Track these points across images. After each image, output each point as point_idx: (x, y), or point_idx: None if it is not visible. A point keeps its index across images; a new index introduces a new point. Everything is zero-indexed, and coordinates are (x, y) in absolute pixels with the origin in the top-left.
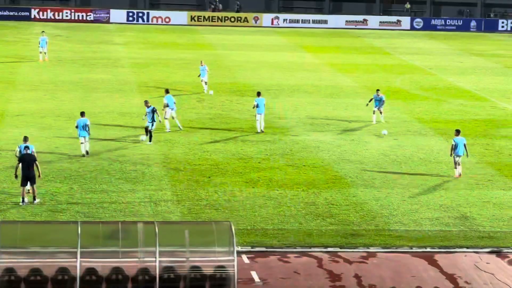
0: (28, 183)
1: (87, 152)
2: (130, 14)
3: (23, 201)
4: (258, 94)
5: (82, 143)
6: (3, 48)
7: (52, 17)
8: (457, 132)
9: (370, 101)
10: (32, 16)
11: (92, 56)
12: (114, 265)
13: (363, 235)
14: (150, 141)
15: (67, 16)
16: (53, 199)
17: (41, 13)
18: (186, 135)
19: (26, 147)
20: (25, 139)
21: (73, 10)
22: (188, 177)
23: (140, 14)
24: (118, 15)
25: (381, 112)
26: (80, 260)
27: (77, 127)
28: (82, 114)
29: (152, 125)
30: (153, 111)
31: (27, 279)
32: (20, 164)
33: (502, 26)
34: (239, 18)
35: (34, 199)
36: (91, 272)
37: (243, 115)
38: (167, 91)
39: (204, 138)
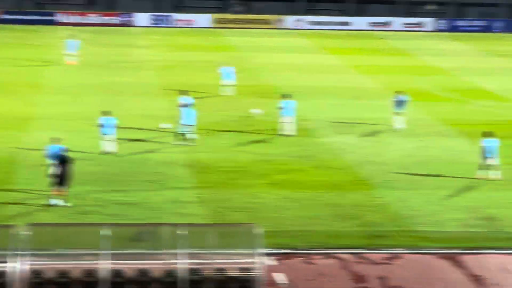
0: (60, 184)
1: (111, 151)
2: (154, 17)
3: (53, 201)
4: (286, 96)
5: (106, 141)
6: (29, 52)
7: (77, 21)
8: (488, 134)
9: (392, 104)
10: (57, 20)
11: (117, 60)
12: (141, 267)
13: (387, 236)
14: (183, 140)
15: (92, 19)
16: (80, 202)
17: (66, 16)
18: (210, 137)
19: (61, 149)
20: (53, 140)
21: (98, 14)
22: (213, 180)
23: (164, 17)
24: (142, 18)
25: (402, 115)
26: (106, 262)
27: (102, 126)
28: (107, 113)
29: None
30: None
31: (55, 281)
32: (54, 165)
33: None
34: (262, 20)
35: (63, 201)
36: (118, 274)
37: (267, 117)
38: (184, 93)
39: (228, 140)
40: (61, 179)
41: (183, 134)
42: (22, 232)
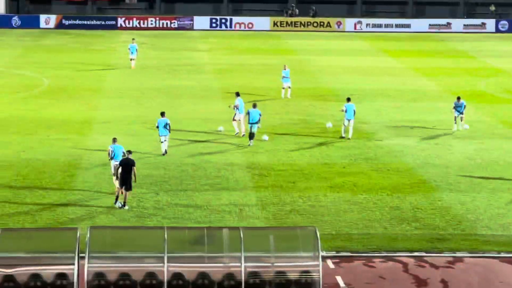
0: (124, 187)
1: (165, 151)
2: (214, 20)
3: (118, 203)
4: (348, 99)
5: (162, 142)
6: (91, 56)
7: (138, 25)
8: None
9: (453, 106)
10: (118, 25)
11: (176, 63)
12: (200, 270)
13: (449, 239)
14: (250, 139)
15: (151, 24)
16: (140, 205)
17: (127, 21)
18: (270, 140)
19: (128, 151)
20: (114, 140)
21: (157, 18)
22: (273, 183)
23: (223, 21)
24: (201, 21)
25: (461, 119)
26: (167, 265)
27: (157, 127)
28: (163, 114)
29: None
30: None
31: (116, 283)
32: (118, 167)
33: None
34: (321, 23)
35: (124, 204)
36: (178, 276)
37: (327, 120)
38: (237, 94)
39: (287, 143)
40: (125, 182)
41: (250, 135)
42: (84, 235)
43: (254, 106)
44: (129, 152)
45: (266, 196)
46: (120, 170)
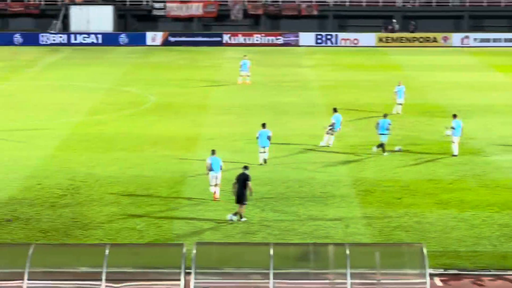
0: (238, 201)
1: (264, 161)
2: (319, 36)
3: (233, 216)
4: (454, 116)
5: (261, 152)
6: (197, 73)
7: (243, 42)
8: None
9: None
10: (224, 41)
11: (281, 79)
12: (306, 287)
13: None
14: (383, 152)
15: (257, 40)
16: (246, 221)
17: (232, 38)
18: (375, 156)
19: (245, 167)
20: (213, 152)
21: (263, 34)
22: (378, 199)
23: (329, 37)
24: (307, 38)
25: None
26: (273, 282)
27: (258, 137)
28: (264, 125)
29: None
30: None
31: None
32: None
33: None
34: (428, 39)
35: (241, 217)
36: None
37: (433, 136)
38: (335, 110)
39: (393, 159)
40: (240, 197)
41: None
42: (190, 250)
43: (385, 116)
44: (246, 167)
45: (371, 212)
46: (236, 185)
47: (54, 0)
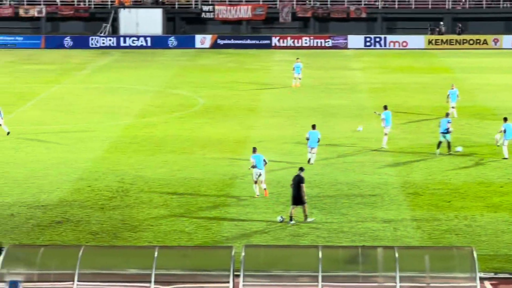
0: (297, 204)
1: (309, 161)
2: (368, 39)
3: (291, 219)
4: (505, 119)
5: (309, 152)
6: (246, 75)
7: (292, 44)
8: None
9: None
10: (273, 44)
11: (330, 82)
12: None
13: None
14: (449, 150)
15: (306, 43)
16: (294, 224)
17: (281, 40)
18: (424, 159)
19: (300, 169)
20: (254, 150)
21: (312, 37)
22: (428, 202)
23: (377, 39)
24: (355, 40)
25: None
26: (321, 284)
27: (307, 138)
28: (314, 127)
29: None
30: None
31: None
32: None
33: None
34: (478, 41)
35: (306, 218)
36: None
37: (483, 138)
38: (385, 107)
39: (442, 162)
40: (296, 199)
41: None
42: (239, 253)
43: (447, 115)
44: (301, 169)
45: (421, 215)
46: (292, 186)
47: (103, 4)
